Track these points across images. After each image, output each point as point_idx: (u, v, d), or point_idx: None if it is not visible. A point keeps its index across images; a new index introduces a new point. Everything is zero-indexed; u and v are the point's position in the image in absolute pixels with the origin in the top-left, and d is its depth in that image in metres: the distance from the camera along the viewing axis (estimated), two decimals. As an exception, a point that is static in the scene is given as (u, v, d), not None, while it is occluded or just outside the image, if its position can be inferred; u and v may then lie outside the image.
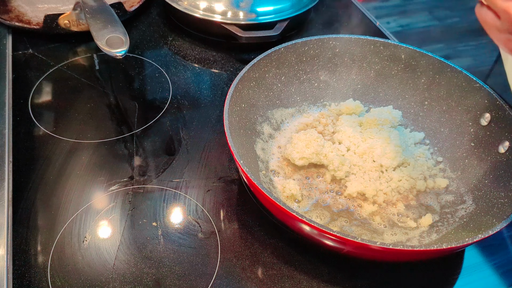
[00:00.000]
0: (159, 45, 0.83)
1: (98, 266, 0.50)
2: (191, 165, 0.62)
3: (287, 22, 0.81)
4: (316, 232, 0.46)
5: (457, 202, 0.57)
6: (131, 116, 0.69)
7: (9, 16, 0.81)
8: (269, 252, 0.52)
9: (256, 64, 0.62)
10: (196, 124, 0.68)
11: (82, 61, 0.79)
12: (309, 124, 0.67)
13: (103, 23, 0.70)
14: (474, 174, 0.58)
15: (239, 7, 0.82)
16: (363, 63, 0.69)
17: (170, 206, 0.57)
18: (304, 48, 0.67)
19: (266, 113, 0.65)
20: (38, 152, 0.62)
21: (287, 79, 0.67)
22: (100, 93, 0.72)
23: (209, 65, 0.80)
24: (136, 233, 0.53)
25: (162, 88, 0.74)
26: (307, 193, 0.58)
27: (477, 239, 0.44)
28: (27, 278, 0.49)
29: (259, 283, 0.50)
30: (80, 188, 0.58)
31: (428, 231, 0.54)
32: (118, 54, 0.65)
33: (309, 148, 0.59)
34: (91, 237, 0.53)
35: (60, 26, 0.79)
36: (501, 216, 0.48)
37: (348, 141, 0.62)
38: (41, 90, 0.72)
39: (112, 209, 0.56)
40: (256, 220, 0.56)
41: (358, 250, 0.48)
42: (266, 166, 0.61)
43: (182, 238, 0.53)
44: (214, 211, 0.56)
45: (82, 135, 0.65)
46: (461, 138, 0.62)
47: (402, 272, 0.52)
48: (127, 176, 0.60)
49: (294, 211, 0.44)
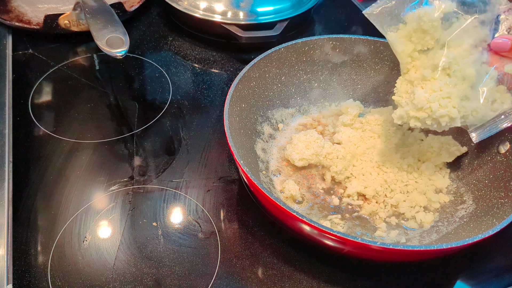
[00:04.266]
0: (159, 45, 0.84)
1: (98, 266, 0.50)
2: (191, 165, 0.62)
3: (287, 22, 0.81)
4: (316, 232, 0.46)
5: (457, 202, 0.57)
6: (131, 116, 0.69)
7: (9, 16, 0.81)
8: (269, 252, 0.52)
9: (256, 64, 0.62)
10: (196, 124, 0.68)
11: (82, 61, 0.79)
12: (309, 124, 0.67)
13: (103, 23, 0.70)
14: (474, 174, 0.58)
15: (239, 7, 0.82)
16: (363, 63, 0.69)
17: (170, 206, 0.57)
18: (304, 48, 0.67)
19: (266, 113, 0.65)
20: (38, 152, 0.62)
21: (287, 79, 0.67)
22: (100, 93, 0.72)
23: (209, 65, 0.80)
24: (136, 233, 0.53)
25: (162, 88, 0.74)
26: (307, 193, 0.58)
27: (477, 239, 0.44)
28: (27, 278, 0.49)
29: (259, 283, 0.50)
30: (80, 188, 0.58)
31: (428, 231, 0.54)
32: (118, 54, 0.65)
33: (309, 149, 0.59)
34: (91, 237, 0.53)
35: (60, 26, 0.79)
36: (501, 216, 0.48)
37: (348, 141, 0.62)
38: (41, 90, 0.72)
39: (112, 209, 0.56)
40: (256, 220, 0.56)
41: (358, 250, 0.48)
42: (266, 166, 0.61)
43: (182, 238, 0.53)
44: (214, 211, 0.56)
45: (82, 135, 0.65)
46: (461, 138, 0.62)
47: (402, 272, 0.52)
48: (127, 176, 0.60)
49: (295, 211, 0.45)
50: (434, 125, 0.51)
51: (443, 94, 0.49)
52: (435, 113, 0.49)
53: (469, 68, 0.49)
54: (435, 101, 0.49)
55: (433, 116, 0.50)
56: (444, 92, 0.49)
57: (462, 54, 0.50)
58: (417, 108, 0.51)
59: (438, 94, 0.49)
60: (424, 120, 0.51)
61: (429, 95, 0.50)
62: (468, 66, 0.50)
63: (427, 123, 0.51)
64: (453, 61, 0.50)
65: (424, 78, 0.51)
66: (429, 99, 0.50)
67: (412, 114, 0.51)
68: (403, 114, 0.52)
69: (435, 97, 0.49)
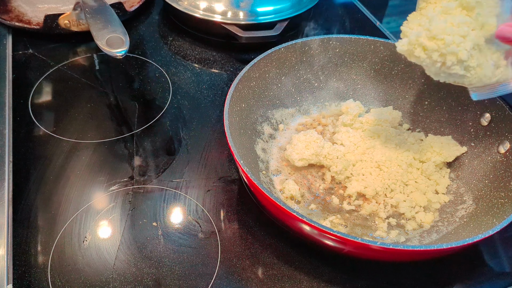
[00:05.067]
0: (159, 45, 0.83)
1: (98, 266, 0.50)
2: (191, 165, 0.62)
3: (287, 22, 0.81)
4: (317, 232, 0.46)
5: (457, 202, 0.57)
6: (131, 116, 0.69)
7: (9, 16, 0.81)
8: (269, 252, 0.52)
9: (256, 64, 0.62)
10: (196, 124, 0.68)
11: (82, 61, 0.79)
12: (309, 124, 0.67)
13: (103, 23, 0.70)
14: (474, 174, 0.58)
15: (239, 7, 0.82)
16: (363, 63, 0.69)
17: (170, 206, 0.57)
18: (304, 48, 0.67)
19: (266, 113, 0.65)
20: (38, 152, 0.62)
21: (287, 79, 0.67)
22: (100, 93, 0.72)
23: (209, 65, 0.80)
24: (136, 233, 0.53)
25: (162, 88, 0.74)
26: (307, 193, 0.58)
27: (477, 239, 0.44)
28: (27, 278, 0.49)
29: (259, 283, 0.50)
30: (80, 188, 0.58)
31: (428, 231, 0.54)
32: (118, 54, 0.65)
33: (309, 149, 0.59)
34: (91, 237, 0.53)
35: (60, 26, 0.79)
36: (501, 216, 0.48)
37: (348, 141, 0.62)
38: (41, 90, 0.72)
39: (112, 209, 0.56)
40: (256, 220, 0.56)
41: (359, 250, 0.48)
42: (267, 166, 0.61)
43: (182, 238, 0.53)
44: (214, 211, 0.56)
45: (82, 135, 0.65)
46: (461, 138, 0.62)
47: (403, 272, 0.52)
48: (127, 176, 0.60)
49: (295, 211, 0.44)
50: (437, 63, 0.48)
51: (460, 31, 0.46)
52: (447, 46, 0.46)
53: (492, 18, 0.47)
54: (452, 35, 0.46)
55: (443, 50, 0.47)
56: (461, 30, 0.46)
57: (489, 1, 0.47)
58: (430, 35, 0.47)
59: (456, 29, 0.46)
60: (430, 53, 0.48)
61: (447, 26, 0.47)
62: (492, 15, 0.47)
63: (433, 57, 0.48)
64: (477, 4, 0.47)
65: (446, 10, 0.48)
66: (446, 30, 0.46)
67: (421, 41, 0.48)
68: (412, 39, 0.49)
69: (453, 31, 0.46)
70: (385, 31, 0.89)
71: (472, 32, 0.47)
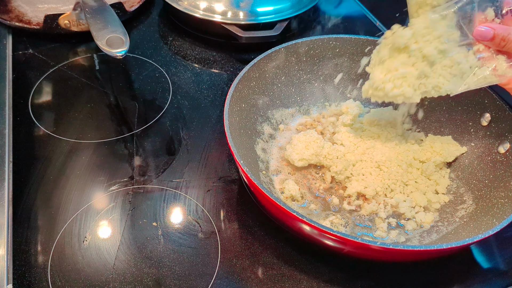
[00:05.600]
0: (159, 45, 0.83)
1: (98, 266, 0.50)
2: (191, 165, 0.62)
3: (287, 22, 0.81)
4: (317, 232, 0.46)
5: (457, 202, 0.57)
6: (131, 116, 0.69)
7: (9, 16, 0.81)
8: (269, 252, 0.52)
9: (256, 64, 0.62)
10: (196, 124, 0.68)
11: (82, 61, 0.79)
12: (309, 124, 0.67)
13: (103, 23, 0.70)
14: (474, 174, 0.58)
15: (239, 7, 0.82)
16: (363, 63, 0.69)
17: (170, 206, 0.57)
18: (304, 48, 0.67)
19: (266, 113, 0.65)
20: (38, 152, 0.62)
21: (287, 79, 0.67)
22: (100, 93, 0.72)
23: (209, 65, 0.80)
24: (136, 233, 0.53)
25: (162, 88, 0.74)
26: (307, 193, 0.58)
27: (477, 239, 0.44)
28: (27, 278, 0.49)
29: (259, 283, 0.50)
30: (80, 188, 0.58)
31: (428, 231, 0.54)
32: (118, 54, 0.65)
33: (309, 149, 0.59)
34: (91, 237, 0.53)
35: (60, 26, 0.79)
36: (501, 216, 0.48)
37: (348, 141, 0.62)
38: (41, 90, 0.72)
39: (112, 209, 0.56)
40: (256, 220, 0.56)
41: (359, 250, 0.48)
42: (267, 166, 0.61)
43: (182, 238, 0.53)
44: (214, 211, 0.56)
45: (82, 135, 0.65)
46: (461, 138, 0.62)
47: (403, 272, 0.52)
48: (127, 176, 0.60)
49: (295, 211, 0.44)
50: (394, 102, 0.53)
51: (397, 74, 0.51)
52: (388, 93, 0.52)
53: (428, 47, 0.49)
54: (389, 82, 0.51)
55: (388, 96, 0.52)
56: (398, 73, 0.51)
57: (422, 32, 0.50)
58: (374, 87, 0.53)
59: (392, 74, 0.51)
60: (382, 98, 0.53)
61: (384, 75, 0.52)
62: (428, 44, 0.49)
63: (385, 100, 0.53)
64: (410, 41, 0.50)
65: (381, 60, 0.53)
66: (384, 79, 0.52)
67: (370, 92, 0.54)
68: (366, 88, 0.55)
69: (389, 78, 0.51)
70: (385, 31, 0.89)
71: (413, 67, 0.50)
